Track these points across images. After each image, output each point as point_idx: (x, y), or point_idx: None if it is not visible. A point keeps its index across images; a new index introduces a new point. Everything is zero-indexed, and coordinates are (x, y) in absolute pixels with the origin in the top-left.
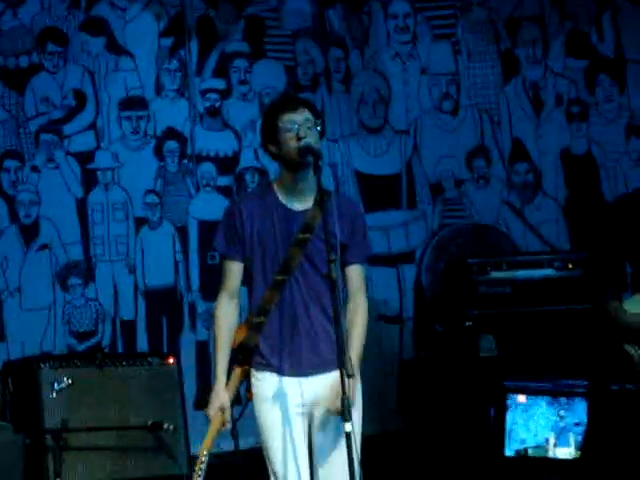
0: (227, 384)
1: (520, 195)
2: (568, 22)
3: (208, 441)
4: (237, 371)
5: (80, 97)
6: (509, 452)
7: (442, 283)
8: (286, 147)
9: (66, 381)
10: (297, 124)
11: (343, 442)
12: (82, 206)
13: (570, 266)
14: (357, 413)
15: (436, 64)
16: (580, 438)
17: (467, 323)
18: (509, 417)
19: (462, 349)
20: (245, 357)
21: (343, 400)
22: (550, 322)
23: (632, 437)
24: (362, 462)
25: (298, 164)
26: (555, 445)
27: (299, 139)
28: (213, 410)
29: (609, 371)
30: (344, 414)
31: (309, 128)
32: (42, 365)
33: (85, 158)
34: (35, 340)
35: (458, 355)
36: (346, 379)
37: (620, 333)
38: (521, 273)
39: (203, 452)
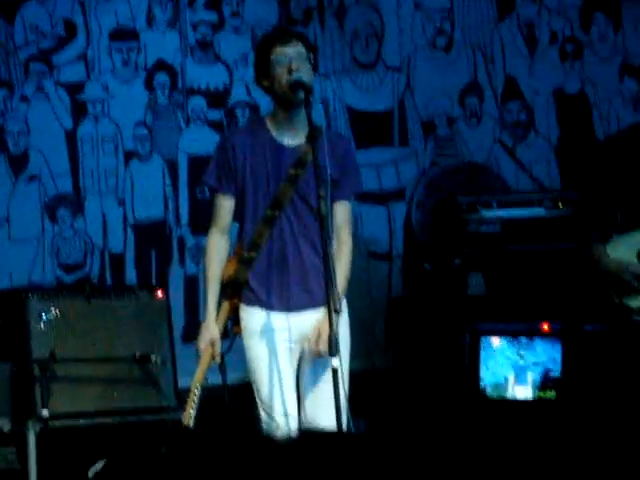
0: (218, 319)
1: (512, 134)
2: None
3: (199, 374)
4: (225, 305)
5: (70, 27)
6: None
7: (432, 221)
8: (278, 81)
9: (54, 312)
10: (289, 57)
11: (330, 377)
12: (71, 138)
13: (560, 205)
14: (344, 349)
15: (430, 0)
16: (538, 378)
17: (456, 261)
18: (482, 358)
19: (451, 287)
20: (234, 291)
21: (330, 336)
22: (539, 261)
23: (604, 377)
24: (349, 397)
25: (290, 100)
26: (514, 384)
27: (291, 72)
28: (203, 343)
29: (583, 311)
30: (331, 349)
31: (302, 62)
32: (30, 296)
33: (75, 89)
34: (23, 271)
35: (446, 293)
36: (333, 315)
37: (601, 277)
38: (511, 212)
39: (195, 385)
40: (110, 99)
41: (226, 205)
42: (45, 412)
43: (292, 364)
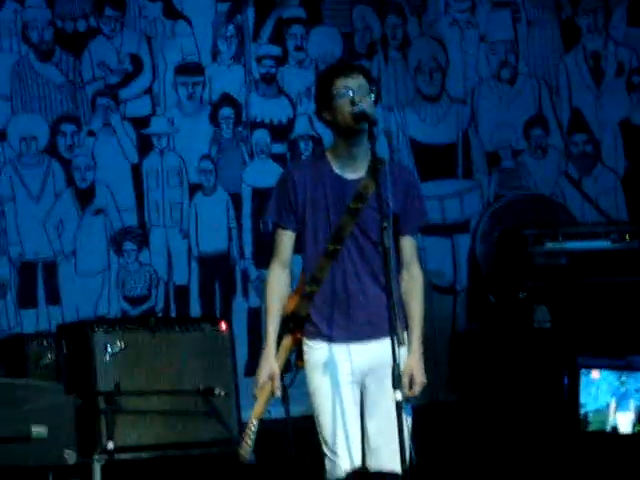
0: (277, 352)
1: (578, 166)
2: None
3: (258, 408)
4: (288, 339)
5: (137, 62)
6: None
7: (496, 254)
8: (340, 113)
9: (119, 345)
10: (351, 89)
11: (393, 410)
12: (137, 171)
13: (627, 238)
14: (417, 387)
15: (495, 32)
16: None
17: (521, 294)
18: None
19: (516, 320)
20: (296, 326)
21: (393, 368)
22: (606, 294)
23: None
24: (413, 432)
25: (352, 130)
26: (615, 410)
27: (353, 104)
28: (262, 378)
29: None
30: (394, 382)
31: (364, 94)
32: (96, 328)
33: (141, 123)
34: (89, 304)
35: (512, 326)
36: (397, 347)
37: None
38: (577, 244)
39: (252, 420)
40: (175, 133)
41: (286, 240)
42: (110, 444)
43: (354, 398)
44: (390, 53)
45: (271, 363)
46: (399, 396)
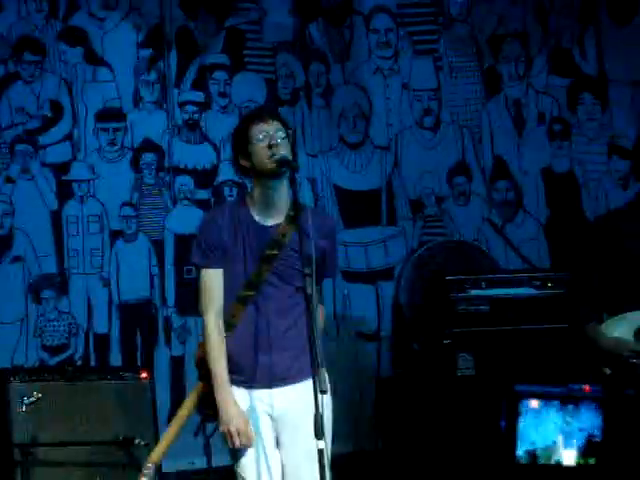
0: (187, 399)
1: (501, 213)
2: (551, 39)
3: (156, 453)
4: (199, 386)
5: (57, 107)
6: (520, 452)
7: (420, 300)
8: (258, 157)
9: (36, 395)
10: (268, 134)
11: (312, 459)
12: (57, 218)
13: (550, 285)
14: (327, 430)
15: (418, 79)
16: (582, 443)
17: (445, 341)
18: (521, 422)
19: (440, 367)
20: (207, 372)
21: (316, 417)
22: (529, 341)
23: None
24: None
25: (271, 174)
26: (562, 447)
27: (270, 148)
28: (237, 424)
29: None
30: (316, 431)
31: (281, 138)
32: (12, 379)
33: (61, 169)
34: (6, 353)
35: (436, 373)
36: (319, 395)
37: (599, 355)
38: (500, 291)
39: (147, 464)
40: (96, 179)
41: (217, 280)
42: None
43: (274, 441)
44: (314, 100)
45: (237, 411)
46: (322, 445)
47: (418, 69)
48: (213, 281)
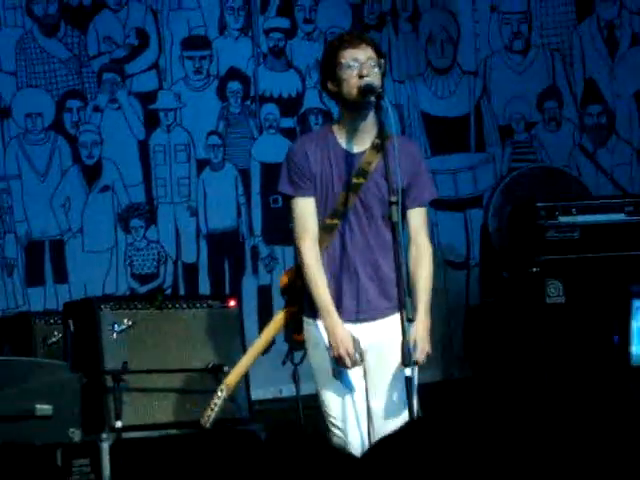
0: (270, 323)
1: (593, 138)
2: None
3: (232, 378)
4: (280, 314)
5: (143, 36)
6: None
7: (509, 228)
8: (346, 85)
9: (126, 323)
10: (359, 62)
11: (399, 386)
12: (144, 147)
13: None
14: (421, 355)
15: (507, 2)
16: None
17: (534, 269)
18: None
19: (529, 295)
20: (291, 299)
21: (403, 345)
22: (620, 268)
23: None
24: (424, 408)
25: (358, 103)
26: None
27: (361, 77)
28: (345, 345)
29: None
30: (404, 359)
31: (372, 66)
32: (102, 306)
33: (147, 98)
34: (97, 282)
35: (525, 301)
36: (406, 323)
37: None
38: (591, 218)
39: (221, 387)
40: (183, 108)
41: (309, 207)
42: (118, 423)
43: (360, 375)
44: (400, 25)
45: (345, 334)
46: (409, 372)
47: None
48: (306, 209)
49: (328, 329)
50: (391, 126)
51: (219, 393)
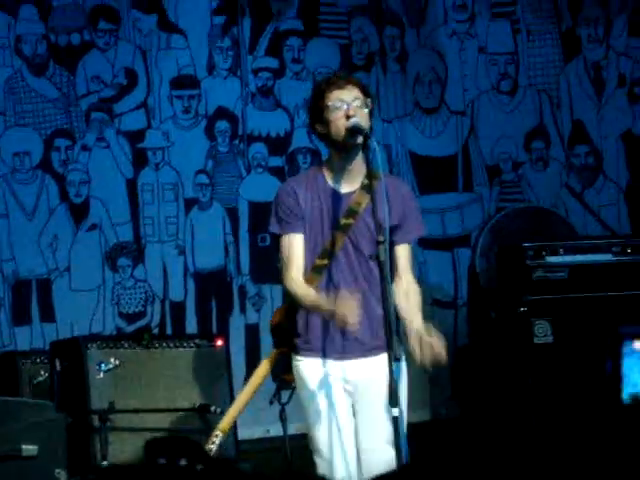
0: (261, 365)
1: (580, 178)
2: (631, 0)
3: (225, 423)
4: (273, 353)
5: (131, 75)
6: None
7: (497, 268)
8: (334, 126)
9: (113, 362)
10: (345, 102)
11: (388, 426)
12: (132, 186)
13: (629, 251)
14: (403, 398)
15: (494, 43)
16: None
17: (521, 309)
18: (625, 364)
19: (516, 335)
20: (281, 339)
21: (390, 384)
22: (607, 308)
23: None
24: (412, 447)
25: (346, 144)
26: None
27: (348, 118)
28: (344, 307)
29: None
30: (391, 399)
31: (359, 107)
32: (89, 345)
33: (136, 137)
34: (84, 321)
35: (512, 341)
36: (393, 362)
37: None
38: (578, 258)
39: (216, 433)
40: (171, 147)
41: (298, 243)
42: (105, 463)
43: (349, 410)
44: (388, 65)
45: (336, 300)
46: (396, 412)
47: (495, 32)
48: (293, 245)
49: (325, 309)
50: (379, 166)
51: (214, 439)
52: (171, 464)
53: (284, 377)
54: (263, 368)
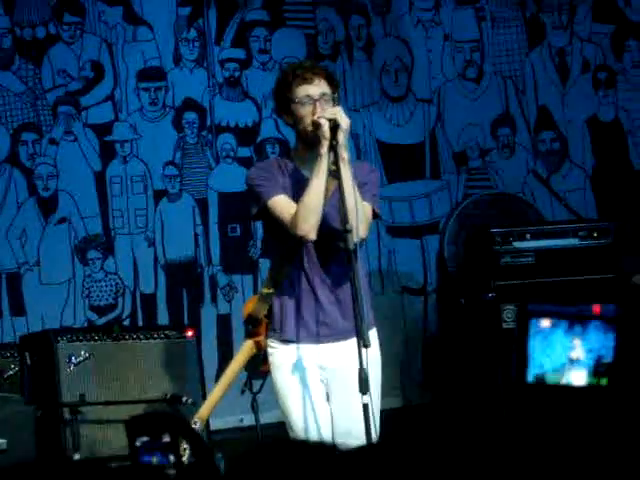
0: (235, 357)
1: (546, 164)
2: None
3: (204, 410)
4: (248, 343)
5: (98, 68)
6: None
7: (465, 254)
8: (301, 122)
9: (84, 354)
10: (313, 98)
11: (361, 411)
12: (101, 179)
13: (595, 235)
14: (375, 385)
15: (460, 31)
16: (592, 363)
17: (489, 295)
18: (530, 342)
19: (485, 321)
20: (254, 327)
21: (360, 373)
22: (575, 292)
23: None
24: (380, 435)
25: (314, 138)
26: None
27: (314, 114)
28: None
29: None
30: (360, 386)
31: (326, 102)
32: (59, 338)
33: (103, 130)
34: (55, 315)
35: (481, 327)
36: (362, 349)
37: None
38: (545, 243)
39: (194, 420)
40: (139, 139)
41: (284, 200)
42: (77, 456)
43: (324, 394)
44: (354, 54)
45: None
46: (366, 399)
47: (460, 20)
48: (283, 203)
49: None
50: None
51: (193, 426)
52: (154, 442)
53: (261, 368)
54: (241, 356)
